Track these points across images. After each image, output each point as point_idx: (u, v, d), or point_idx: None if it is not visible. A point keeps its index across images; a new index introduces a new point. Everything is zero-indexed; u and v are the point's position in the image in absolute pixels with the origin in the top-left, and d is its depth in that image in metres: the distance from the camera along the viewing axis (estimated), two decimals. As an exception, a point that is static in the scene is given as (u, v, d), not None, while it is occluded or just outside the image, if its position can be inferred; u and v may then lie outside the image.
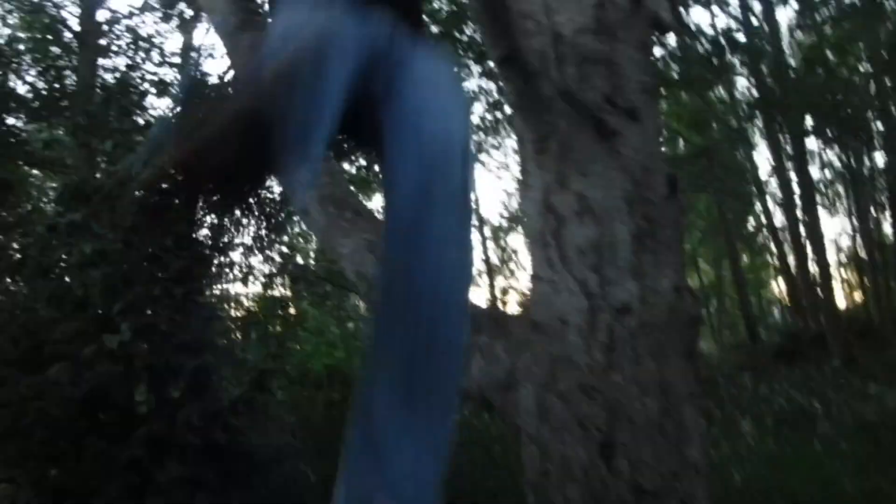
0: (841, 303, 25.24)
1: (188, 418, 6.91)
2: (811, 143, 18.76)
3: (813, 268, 16.21)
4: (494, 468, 6.41)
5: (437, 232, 1.45)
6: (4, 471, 7.30)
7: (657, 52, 13.05)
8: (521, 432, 2.45)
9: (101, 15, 13.59)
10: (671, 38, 14.24)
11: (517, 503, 2.76)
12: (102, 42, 13.62)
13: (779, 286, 29.50)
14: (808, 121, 14.98)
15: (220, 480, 7.11)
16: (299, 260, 14.62)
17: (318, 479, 7.97)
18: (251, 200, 15.26)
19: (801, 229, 16.22)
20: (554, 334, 2.40)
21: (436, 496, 1.42)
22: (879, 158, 17.34)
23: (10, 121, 13.56)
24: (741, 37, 15.49)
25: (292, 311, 16.39)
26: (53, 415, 6.64)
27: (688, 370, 2.43)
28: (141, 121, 8.58)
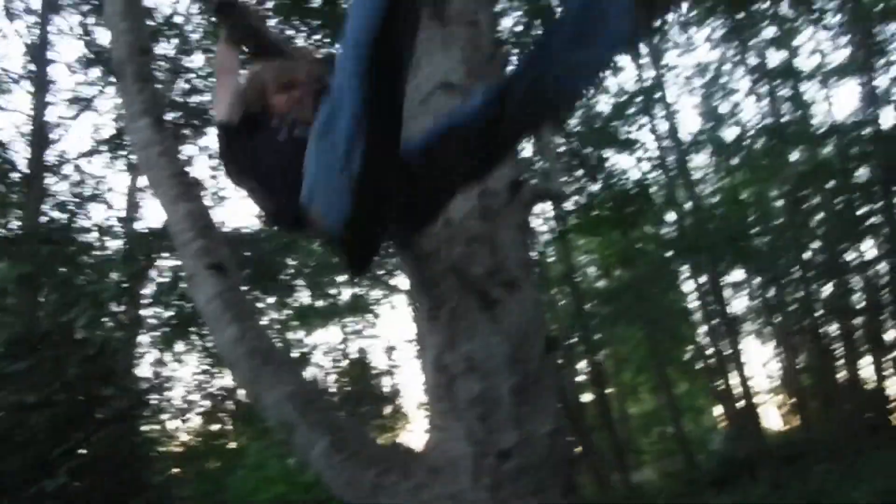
0: (778, 426, 25.85)
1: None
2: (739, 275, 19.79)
3: (740, 395, 16.77)
4: None
5: None
6: None
7: (590, 189, 13.97)
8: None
9: (50, 155, 13.81)
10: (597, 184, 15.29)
11: None
12: (50, 182, 13.84)
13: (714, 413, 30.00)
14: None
15: None
16: (240, 395, 14.66)
17: None
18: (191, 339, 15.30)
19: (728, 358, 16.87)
20: (447, 476, 2.78)
21: None
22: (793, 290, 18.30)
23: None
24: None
25: (232, 445, 16.29)
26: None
27: (565, 499, 2.82)
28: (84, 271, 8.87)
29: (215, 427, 16.63)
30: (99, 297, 7.39)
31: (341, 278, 21.87)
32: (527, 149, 14.39)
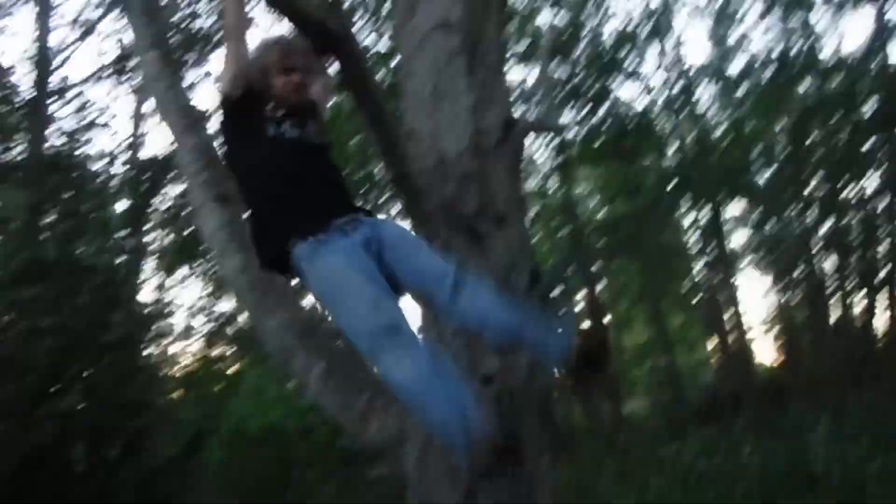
0: (770, 361, 26.20)
1: (124, 478, 7.27)
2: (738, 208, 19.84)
3: (732, 329, 17.02)
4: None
5: None
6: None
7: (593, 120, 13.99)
8: (408, 480, 3.00)
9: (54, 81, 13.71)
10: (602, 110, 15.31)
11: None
12: (54, 108, 13.80)
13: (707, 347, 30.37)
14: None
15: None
16: (240, 320, 14.89)
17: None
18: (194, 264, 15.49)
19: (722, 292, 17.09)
20: (434, 399, 2.97)
21: None
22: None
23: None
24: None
25: (231, 370, 16.63)
26: (-8, 474, 6.94)
27: (543, 427, 3.02)
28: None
29: (216, 352, 16.90)
30: (106, 226, 7.56)
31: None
32: (526, 81, 14.41)
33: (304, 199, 2.53)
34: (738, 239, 22.87)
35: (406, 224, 3.13)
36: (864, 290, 16.62)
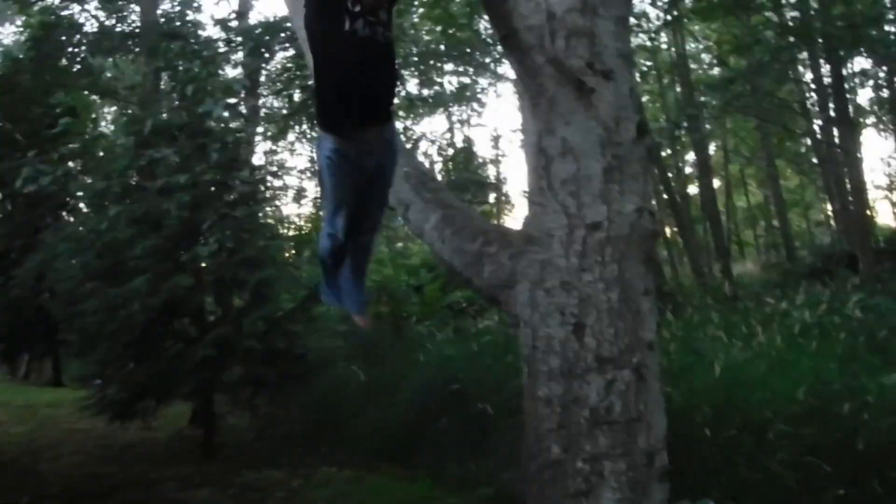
0: (889, 224, 25.39)
1: (251, 325, 7.88)
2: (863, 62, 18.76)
3: (852, 190, 16.49)
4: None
5: None
6: (95, 369, 8.40)
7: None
8: (519, 319, 3.26)
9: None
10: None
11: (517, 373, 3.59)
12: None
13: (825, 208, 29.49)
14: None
15: (279, 381, 8.10)
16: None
17: (367, 379, 8.92)
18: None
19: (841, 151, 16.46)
20: (542, 244, 3.19)
21: None
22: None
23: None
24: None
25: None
26: (135, 321, 7.65)
27: (646, 272, 3.20)
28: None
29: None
30: (226, 90, 7.88)
31: (449, 66, 21.95)
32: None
33: (353, 102, 2.87)
34: (862, 97, 21.79)
35: (516, 76, 3.27)
36: None
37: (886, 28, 14.79)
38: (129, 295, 7.73)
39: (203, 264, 7.89)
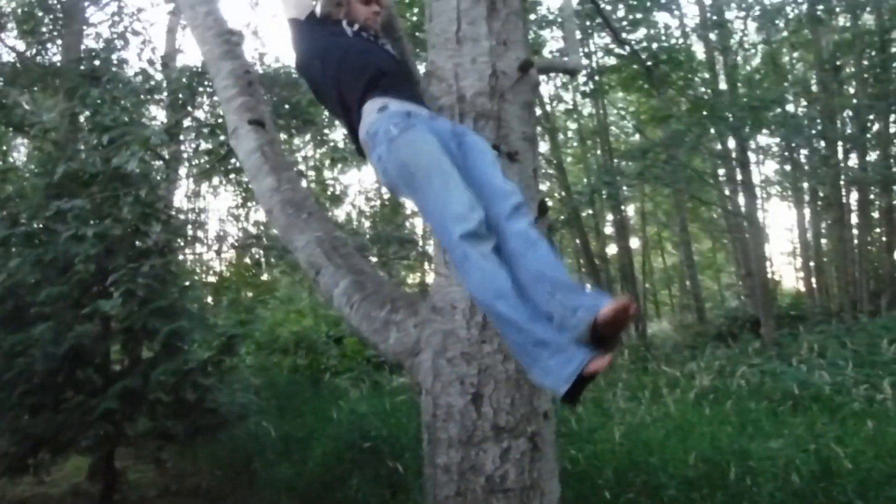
0: (793, 289, 26.44)
1: (160, 377, 7.73)
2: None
3: (757, 256, 17.23)
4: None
5: None
6: (-15, 420, 8.07)
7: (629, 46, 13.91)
8: (421, 387, 3.36)
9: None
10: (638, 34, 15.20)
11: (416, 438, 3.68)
12: (88, 12, 13.90)
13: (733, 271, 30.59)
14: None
15: (187, 434, 7.95)
16: (274, 230, 15.26)
17: (278, 435, 8.83)
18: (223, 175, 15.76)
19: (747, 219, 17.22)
20: (446, 315, 3.32)
21: None
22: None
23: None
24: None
25: (264, 278, 17.14)
26: (35, 370, 7.43)
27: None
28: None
29: (249, 260, 17.39)
30: (147, 140, 7.83)
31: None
32: (549, 17, 14.35)
33: (390, 74, 2.85)
34: (768, 168, 22.86)
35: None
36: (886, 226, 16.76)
37: (788, 108, 15.72)
38: (30, 342, 7.51)
39: (112, 312, 7.74)
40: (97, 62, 11.58)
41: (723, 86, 16.26)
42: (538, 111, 19.27)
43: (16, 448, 7.60)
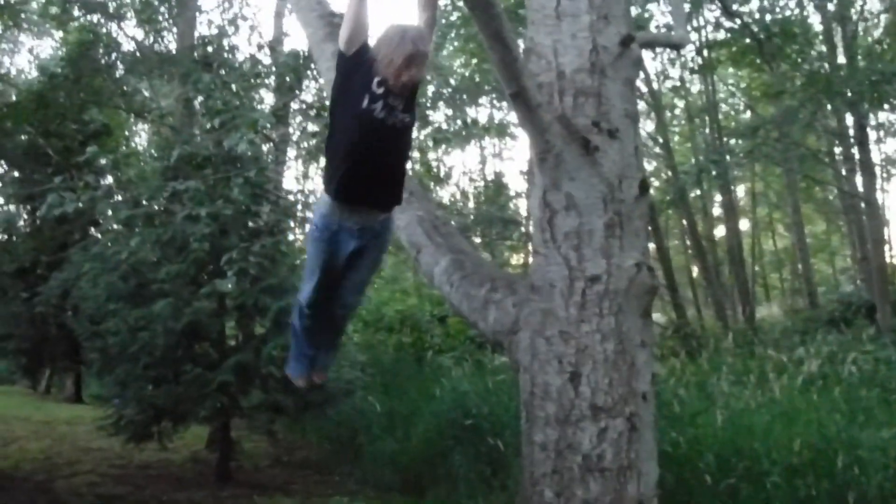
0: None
1: (271, 352, 7.99)
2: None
3: (871, 239, 16.48)
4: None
5: None
6: (114, 389, 8.55)
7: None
8: (520, 365, 3.38)
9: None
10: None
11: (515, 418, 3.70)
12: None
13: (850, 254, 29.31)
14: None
15: (297, 408, 8.20)
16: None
17: (383, 411, 9.02)
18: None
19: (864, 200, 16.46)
20: (544, 294, 3.32)
21: None
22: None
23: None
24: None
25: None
26: (156, 344, 7.81)
27: (643, 325, 3.32)
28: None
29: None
30: (256, 122, 8.06)
31: (481, 99, 22.14)
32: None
33: (361, 189, 2.96)
34: (887, 147, 21.75)
35: (525, 135, 3.40)
36: None
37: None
38: (151, 317, 7.89)
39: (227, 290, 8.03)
40: (210, 49, 11.90)
41: (841, 59, 15.48)
42: (643, 88, 19.01)
43: (141, 416, 8.03)
